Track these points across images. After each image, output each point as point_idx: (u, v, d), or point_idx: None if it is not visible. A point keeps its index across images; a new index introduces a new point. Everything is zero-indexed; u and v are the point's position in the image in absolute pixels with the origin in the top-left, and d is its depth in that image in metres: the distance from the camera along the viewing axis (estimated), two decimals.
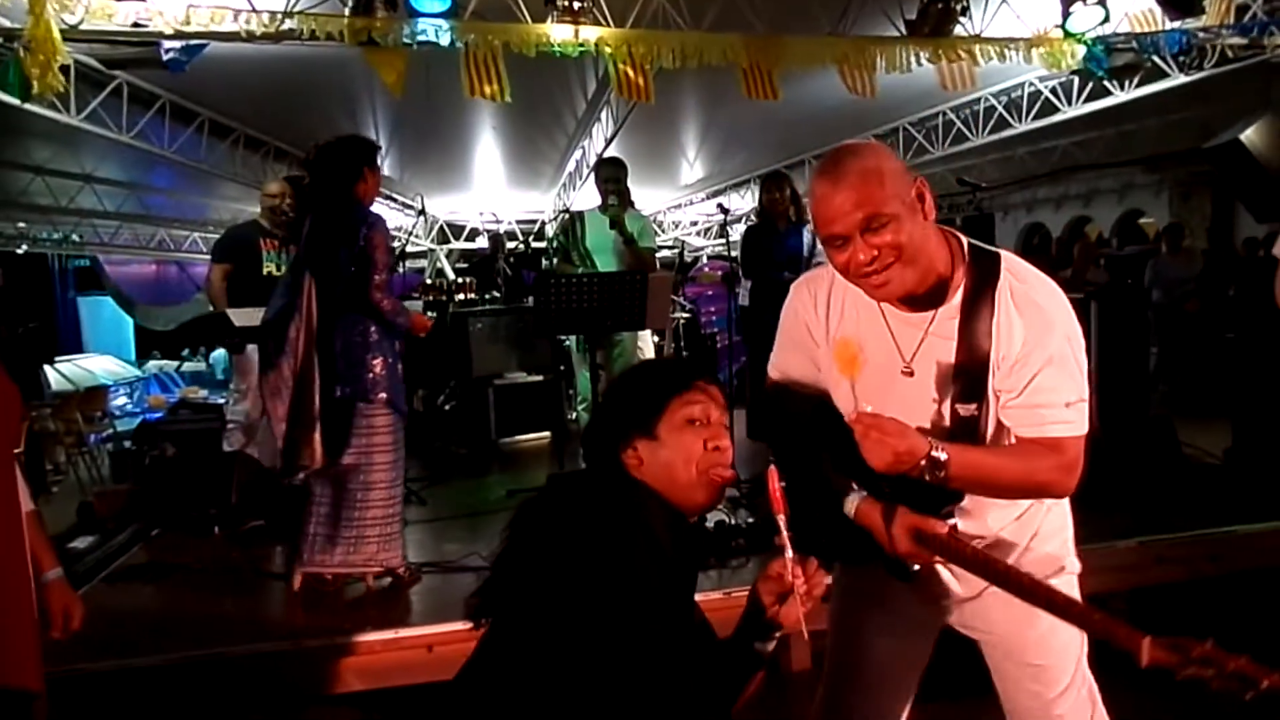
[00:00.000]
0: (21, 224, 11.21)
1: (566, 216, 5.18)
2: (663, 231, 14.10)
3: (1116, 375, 6.00)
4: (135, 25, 4.05)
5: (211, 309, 4.92)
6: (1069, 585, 1.62)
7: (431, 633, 2.93)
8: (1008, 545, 1.57)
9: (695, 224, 13.91)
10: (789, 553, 1.37)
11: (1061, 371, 1.45)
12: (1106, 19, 4.67)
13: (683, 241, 11.22)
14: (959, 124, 8.07)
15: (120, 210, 10.94)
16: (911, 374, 1.50)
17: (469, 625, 1.40)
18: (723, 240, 8.85)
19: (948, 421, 1.49)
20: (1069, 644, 1.64)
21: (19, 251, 12.16)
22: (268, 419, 4.79)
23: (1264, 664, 1.14)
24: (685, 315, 9.18)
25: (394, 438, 3.33)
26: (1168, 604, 3.73)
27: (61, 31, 3.95)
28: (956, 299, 1.48)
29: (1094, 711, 1.69)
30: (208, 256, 5.93)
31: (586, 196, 8.13)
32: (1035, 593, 1.35)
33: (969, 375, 1.47)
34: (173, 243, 13.35)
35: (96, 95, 5.62)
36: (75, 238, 11.95)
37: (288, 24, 4.09)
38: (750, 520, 4.06)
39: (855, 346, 1.55)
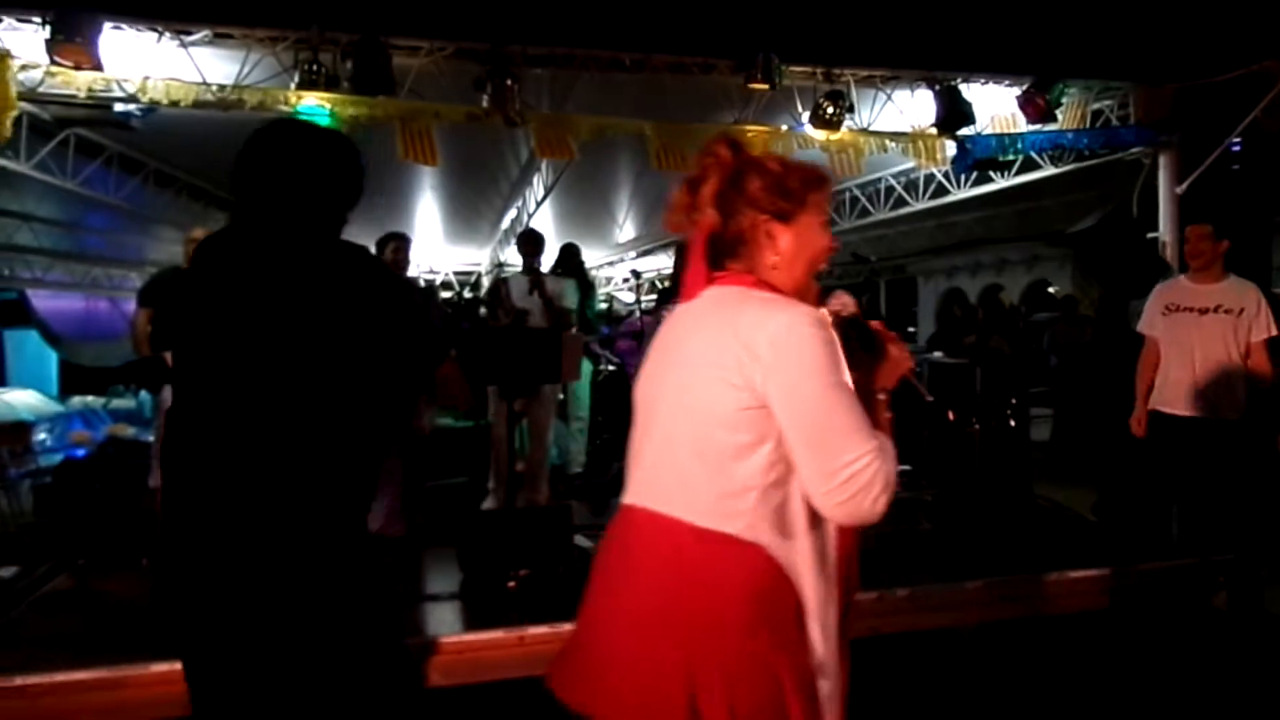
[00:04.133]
0: None
1: (497, 276, 5.76)
2: (596, 287, 14.69)
3: (993, 436, 6.60)
4: (90, 90, 4.39)
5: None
6: None
7: None
8: None
9: (628, 281, 14.51)
10: None
11: None
12: (972, 122, 5.32)
13: (613, 297, 11.72)
14: (864, 200, 8.76)
15: (56, 248, 11.01)
16: None
17: None
18: (651, 297, 9.37)
19: None
20: None
21: None
22: None
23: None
24: (613, 368, 9.61)
25: None
26: (1009, 638, 4.22)
27: (20, 93, 4.28)
28: None
29: None
30: None
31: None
32: None
33: None
34: (108, 281, 13.35)
35: (45, 145, 5.89)
36: (4, 272, 11.90)
37: (235, 95, 4.47)
38: None
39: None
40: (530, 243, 5.17)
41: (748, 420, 1.36)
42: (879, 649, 3.86)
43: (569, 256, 5.91)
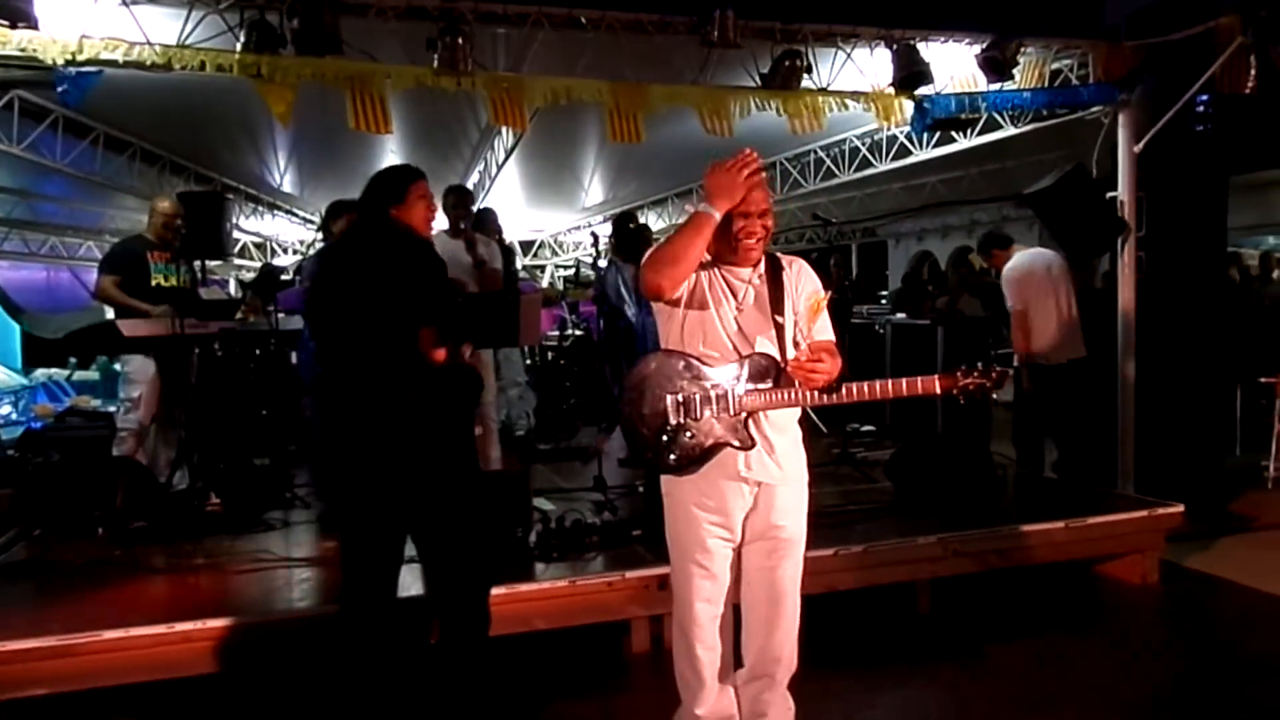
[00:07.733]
0: None
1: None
2: (563, 252, 14.58)
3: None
4: (26, 50, 4.24)
5: (110, 314, 5.13)
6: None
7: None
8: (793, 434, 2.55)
9: (592, 244, 14.45)
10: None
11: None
12: (930, 81, 5.30)
13: (579, 261, 11.67)
14: (829, 162, 8.74)
15: (9, 216, 10.76)
16: (741, 311, 2.45)
17: None
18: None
19: (773, 328, 2.44)
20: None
21: None
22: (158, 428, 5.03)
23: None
24: (579, 332, 9.59)
25: None
26: (963, 592, 4.32)
27: None
28: (761, 268, 2.48)
29: None
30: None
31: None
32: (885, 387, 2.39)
33: (778, 302, 2.45)
34: (65, 249, 13.10)
35: None
36: None
37: (178, 55, 4.35)
38: (608, 519, 4.50)
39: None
40: (463, 203, 5.23)
41: None
42: (835, 604, 3.94)
43: (485, 221, 5.96)
